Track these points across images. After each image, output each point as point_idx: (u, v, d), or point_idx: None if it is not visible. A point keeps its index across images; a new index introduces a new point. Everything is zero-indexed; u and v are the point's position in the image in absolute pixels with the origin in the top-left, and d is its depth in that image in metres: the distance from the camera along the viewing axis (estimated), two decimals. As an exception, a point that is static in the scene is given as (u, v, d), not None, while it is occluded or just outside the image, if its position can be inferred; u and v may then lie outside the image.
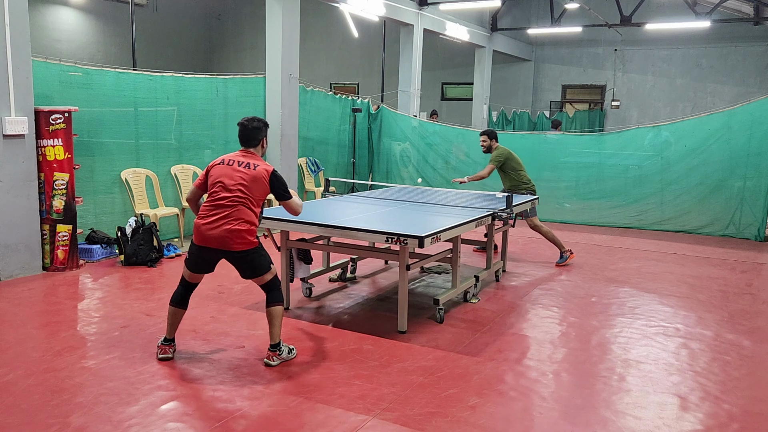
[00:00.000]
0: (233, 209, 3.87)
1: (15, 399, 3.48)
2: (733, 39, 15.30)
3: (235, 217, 3.86)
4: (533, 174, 10.15)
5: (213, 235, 3.86)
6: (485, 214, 5.45)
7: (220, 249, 3.89)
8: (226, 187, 3.91)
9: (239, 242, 3.87)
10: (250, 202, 3.92)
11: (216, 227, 3.85)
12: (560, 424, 3.40)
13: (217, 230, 3.85)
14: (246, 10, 19.20)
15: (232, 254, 3.92)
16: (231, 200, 3.88)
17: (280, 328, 4.06)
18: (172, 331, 4.14)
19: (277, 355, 4.03)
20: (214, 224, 3.86)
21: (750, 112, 8.79)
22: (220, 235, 3.85)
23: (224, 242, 3.86)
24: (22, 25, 5.74)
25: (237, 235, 3.85)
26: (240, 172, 3.95)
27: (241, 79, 8.71)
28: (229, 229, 3.84)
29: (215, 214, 3.88)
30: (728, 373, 4.16)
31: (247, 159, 4.04)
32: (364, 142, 11.69)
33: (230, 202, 3.88)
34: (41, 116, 5.99)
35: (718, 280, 6.63)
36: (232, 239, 3.85)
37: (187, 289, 4.14)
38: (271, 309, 4.02)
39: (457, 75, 17.94)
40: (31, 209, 5.98)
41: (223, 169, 3.99)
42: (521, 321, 5.13)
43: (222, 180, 3.95)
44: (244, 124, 4.13)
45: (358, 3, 10.65)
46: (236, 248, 3.88)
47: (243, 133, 4.13)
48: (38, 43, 12.23)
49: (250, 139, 4.12)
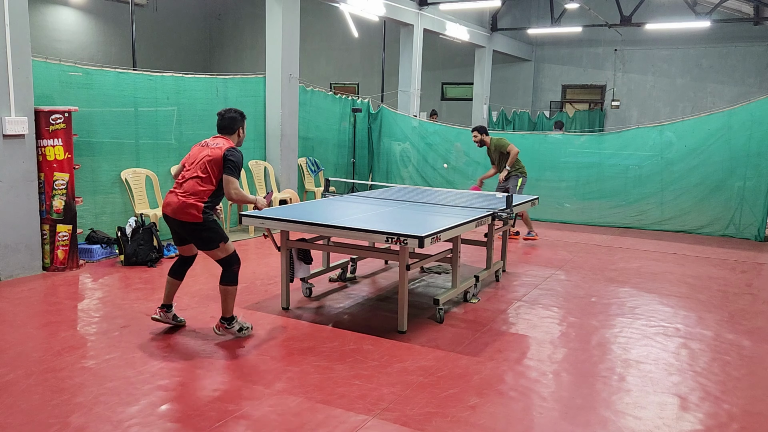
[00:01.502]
0: (188, 182, 4.26)
1: (15, 399, 3.48)
2: (733, 39, 15.30)
3: (188, 190, 4.24)
4: (533, 174, 10.22)
5: (168, 202, 4.31)
6: (485, 214, 5.45)
7: (175, 219, 4.28)
8: (188, 164, 4.35)
9: (186, 214, 4.23)
10: (200, 179, 4.24)
11: (173, 198, 4.28)
12: (560, 424, 3.40)
13: (173, 200, 4.27)
14: (246, 10, 19.20)
15: (183, 225, 4.29)
16: (189, 176, 4.28)
17: (231, 304, 4.42)
18: (168, 298, 4.63)
19: (224, 328, 4.43)
20: (173, 196, 4.28)
21: (750, 112, 8.79)
22: (172, 203, 4.27)
23: (175, 212, 4.26)
24: (22, 25, 5.74)
25: (184, 206, 4.22)
26: (202, 151, 4.33)
27: (241, 79, 8.71)
28: (180, 200, 4.23)
29: (176, 187, 4.34)
30: (728, 373, 4.16)
31: (216, 141, 4.37)
32: (364, 142, 11.69)
33: (189, 178, 4.28)
34: (41, 116, 5.99)
35: (718, 280, 6.63)
36: (181, 209, 4.23)
37: (181, 261, 4.63)
38: (222, 287, 4.40)
39: (457, 75, 17.94)
40: (31, 209, 5.98)
41: (193, 150, 4.44)
42: (521, 321, 5.13)
43: (187, 158, 4.41)
44: (221, 113, 4.47)
45: (358, 3, 10.65)
46: (184, 219, 4.25)
47: (219, 122, 4.47)
48: (38, 43, 12.22)
49: (225, 127, 4.46)
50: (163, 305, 4.63)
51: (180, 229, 4.36)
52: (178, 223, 4.30)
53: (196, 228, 4.28)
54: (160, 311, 4.61)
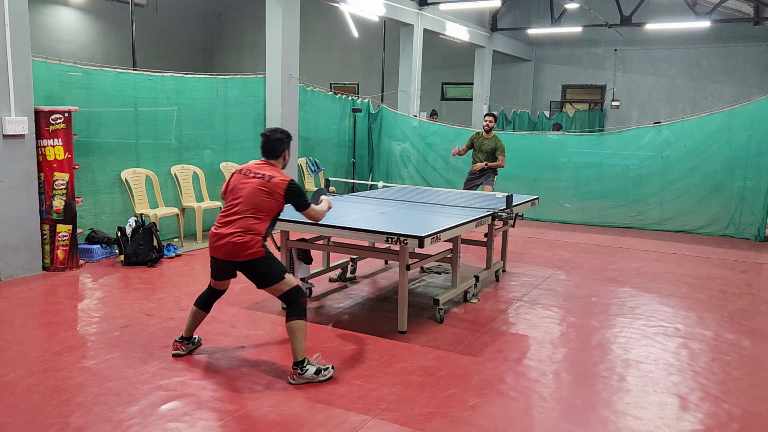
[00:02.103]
0: (242, 219, 3.81)
1: (15, 399, 3.48)
2: (733, 39, 15.30)
3: (242, 227, 3.79)
4: (534, 174, 10.24)
5: (219, 245, 3.83)
6: (485, 214, 5.45)
7: (228, 260, 3.86)
8: (238, 197, 3.87)
9: (246, 254, 3.79)
10: (256, 213, 3.83)
11: (223, 237, 3.81)
12: (560, 424, 3.40)
13: (223, 240, 3.81)
14: (246, 10, 19.20)
15: (240, 264, 3.86)
16: (240, 211, 3.83)
17: (302, 344, 3.79)
18: (190, 330, 4.14)
19: (297, 374, 3.76)
20: (222, 236, 3.82)
21: (750, 112, 8.79)
22: (225, 245, 3.81)
23: (229, 253, 3.81)
24: (22, 25, 5.74)
25: (239, 245, 3.78)
26: (253, 183, 3.86)
27: (241, 79, 8.71)
28: (233, 240, 3.77)
29: (223, 225, 3.85)
30: (728, 373, 4.16)
31: (263, 170, 3.93)
32: (364, 142, 11.69)
33: (240, 213, 3.82)
34: (41, 116, 5.99)
35: (718, 280, 6.63)
36: (237, 250, 3.79)
37: (211, 293, 4.13)
38: (288, 324, 3.81)
39: (457, 75, 17.94)
40: (31, 209, 5.98)
41: (238, 179, 3.95)
42: (521, 321, 5.13)
43: (234, 190, 3.92)
44: (266, 135, 4.04)
45: (358, 3, 10.65)
46: (242, 259, 3.81)
47: (265, 144, 4.03)
48: (38, 43, 12.21)
49: (272, 151, 4.02)
50: (184, 338, 4.15)
51: (238, 268, 3.91)
52: (233, 264, 3.87)
53: (257, 264, 3.82)
54: (181, 345, 4.13)
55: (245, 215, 3.81)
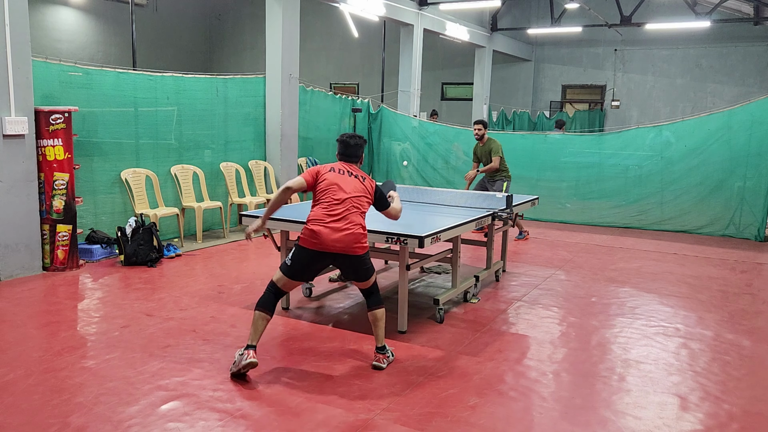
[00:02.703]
0: (353, 214, 3.97)
1: (15, 399, 3.48)
2: (733, 39, 15.30)
3: (356, 222, 3.97)
4: (534, 174, 10.23)
5: (336, 238, 3.90)
6: (485, 214, 5.45)
7: (339, 253, 3.95)
8: (344, 194, 4.00)
9: (359, 247, 3.97)
10: (362, 210, 4.06)
11: (339, 231, 3.91)
12: (560, 424, 3.40)
13: (340, 234, 3.90)
14: (246, 10, 19.20)
15: (350, 258, 3.99)
16: (350, 207, 3.98)
17: (384, 330, 4.14)
18: (257, 337, 3.91)
19: (386, 358, 4.09)
20: (338, 229, 3.91)
21: (750, 112, 8.79)
22: (343, 238, 3.91)
23: (347, 246, 3.93)
24: (22, 25, 5.74)
25: (358, 239, 3.95)
26: (354, 182, 4.08)
27: (241, 79, 8.71)
28: (352, 233, 3.93)
29: (337, 218, 3.93)
30: (728, 373, 4.16)
31: (355, 171, 4.17)
32: (364, 142, 11.67)
33: (350, 209, 3.98)
34: (41, 116, 5.99)
35: (718, 280, 6.63)
36: (354, 243, 3.94)
37: (276, 295, 4.07)
38: (374, 312, 4.11)
39: (457, 75, 17.94)
40: (31, 209, 5.98)
41: (337, 177, 4.08)
42: (521, 321, 5.13)
43: (338, 186, 4.03)
44: (347, 141, 4.24)
45: (358, 3, 10.65)
46: (357, 252, 3.97)
47: (345, 149, 4.24)
48: (38, 43, 12.22)
49: (352, 156, 4.24)
50: (250, 346, 3.86)
51: (338, 261, 4.02)
52: (342, 257, 3.96)
53: (363, 258, 4.02)
54: (252, 352, 3.82)
55: (356, 212, 4.00)
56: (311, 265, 4.05)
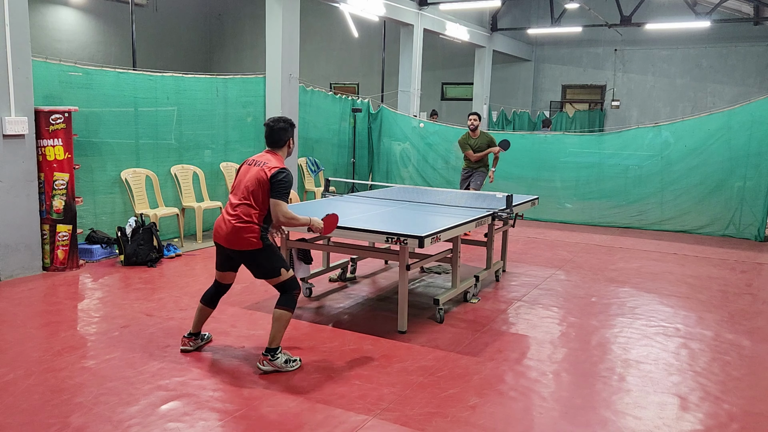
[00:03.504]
0: (239, 206, 3.89)
1: (15, 399, 3.48)
2: (733, 39, 15.30)
3: (237, 214, 3.87)
4: (533, 174, 10.24)
5: (220, 232, 3.94)
6: (485, 214, 5.45)
7: (228, 248, 3.94)
8: (238, 187, 3.96)
9: (243, 242, 3.86)
10: (253, 202, 3.87)
11: (222, 225, 3.93)
12: (560, 424, 3.40)
13: (223, 228, 3.92)
14: (246, 10, 19.20)
15: (240, 254, 3.94)
16: (238, 200, 3.92)
17: (282, 333, 3.92)
18: (197, 326, 4.23)
19: (268, 360, 3.89)
20: (222, 224, 3.93)
21: (750, 112, 8.79)
22: (225, 233, 3.90)
23: (230, 241, 3.90)
24: (22, 25, 5.74)
25: (238, 233, 3.85)
26: (250, 171, 3.94)
27: (241, 79, 8.71)
28: (232, 227, 3.86)
29: (226, 212, 3.96)
30: (728, 373, 4.16)
31: (263, 159, 3.99)
32: (364, 142, 11.69)
33: (236, 202, 3.91)
34: (41, 116, 5.99)
35: (718, 280, 6.63)
36: (236, 239, 3.87)
37: (216, 288, 4.20)
38: (276, 310, 3.93)
39: (457, 75, 17.94)
40: (31, 209, 5.98)
41: (245, 169, 4.02)
42: (521, 321, 5.13)
43: (238, 180, 4.01)
44: (269, 124, 4.09)
45: (358, 3, 10.65)
46: (240, 248, 3.89)
47: (269, 134, 4.08)
48: (38, 43, 12.22)
49: (276, 140, 4.07)
50: (192, 334, 4.22)
51: (238, 258, 3.99)
52: (236, 253, 3.93)
53: (253, 255, 3.90)
54: (189, 340, 4.20)
55: (242, 203, 3.88)
56: (221, 255, 4.08)
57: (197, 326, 4.24)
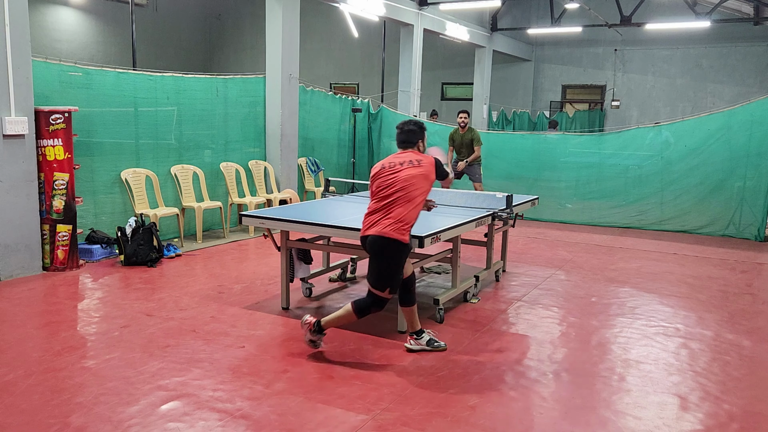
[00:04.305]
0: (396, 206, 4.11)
1: (15, 399, 3.48)
2: (733, 39, 15.31)
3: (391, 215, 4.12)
4: (533, 174, 10.23)
5: (365, 231, 4.15)
6: (485, 214, 5.45)
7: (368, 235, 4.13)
8: (392, 186, 4.14)
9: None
10: (411, 197, 4.13)
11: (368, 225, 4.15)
12: (560, 424, 3.40)
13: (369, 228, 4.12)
14: (246, 10, 19.20)
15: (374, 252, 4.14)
16: (396, 198, 4.11)
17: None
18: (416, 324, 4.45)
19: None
20: (368, 224, 4.15)
21: (750, 112, 8.79)
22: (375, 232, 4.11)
23: (378, 231, 4.11)
24: (22, 25, 5.74)
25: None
26: (407, 173, 4.13)
27: (241, 79, 8.71)
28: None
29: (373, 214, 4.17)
30: (728, 373, 4.16)
31: (406, 157, 4.23)
32: (364, 142, 11.69)
33: (394, 200, 4.11)
34: (41, 116, 5.99)
35: (718, 280, 6.63)
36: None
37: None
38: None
39: (457, 75, 17.94)
40: (31, 209, 5.98)
41: (387, 172, 4.20)
42: (521, 321, 5.13)
43: (387, 181, 4.16)
44: (400, 127, 4.36)
45: (358, 3, 10.65)
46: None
47: (399, 135, 4.36)
48: (38, 43, 12.22)
49: (405, 141, 4.33)
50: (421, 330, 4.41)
51: (377, 249, 4.21)
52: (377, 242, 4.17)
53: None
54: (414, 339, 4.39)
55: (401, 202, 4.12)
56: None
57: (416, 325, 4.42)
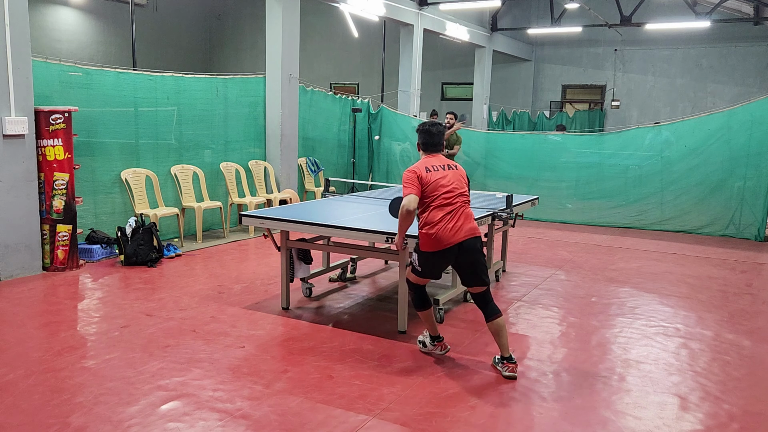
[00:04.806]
0: (461, 204, 4.01)
1: (15, 399, 3.48)
2: (733, 39, 15.30)
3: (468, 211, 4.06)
4: (533, 174, 10.24)
5: (460, 232, 3.94)
6: (485, 214, 5.45)
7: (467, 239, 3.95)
8: (451, 191, 4.00)
9: (477, 230, 4.04)
10: (468, 199, 4.13)
11: (456, 224, 3.95)
12: (560, 424, 3.40)
13: (461, 223, 3.95)
14: (246, 10, 19.20)
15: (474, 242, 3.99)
16: (462, 202, 4.03)
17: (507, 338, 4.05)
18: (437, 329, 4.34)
19: (515, 368, 3.99)
20: (455, 222, 3.95)
21: (750, 112, 8.79)
22: (466, 226, 3.98)
23: (472, 229, 4.00)
24: (22, 25, 5.74)
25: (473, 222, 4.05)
26: (454, 174, 4.07)
27: (241, 79, 8.71)
28: (470, 217, 4.03)
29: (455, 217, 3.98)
30: (728, 373, 4.16)
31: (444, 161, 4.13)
32: (364, 142, 11.69)
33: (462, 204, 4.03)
34: (41, 116, 5.99)
35: (718, 280, 6.63)
36: (474, 227, 4.03)
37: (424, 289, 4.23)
38: (496, 321, 4.02)
39: (457, 75, 17.94)
40: (31, 209, 5.98)
41: (440, 175, 4.02)
42: (521, 321, 5.13)
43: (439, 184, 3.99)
44: (430, 131, 4.13)
45: (358, 3, 10.65)
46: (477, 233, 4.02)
47: (431, 139, 4.14)
48: (38, 43, 12.22)
49: (438, 144, 4.17)
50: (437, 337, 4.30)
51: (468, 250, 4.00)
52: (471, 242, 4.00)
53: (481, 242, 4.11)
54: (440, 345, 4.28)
55: (464, 199, 4.06)
56: (440, 262, 4.08)
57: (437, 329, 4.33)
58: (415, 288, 4.19)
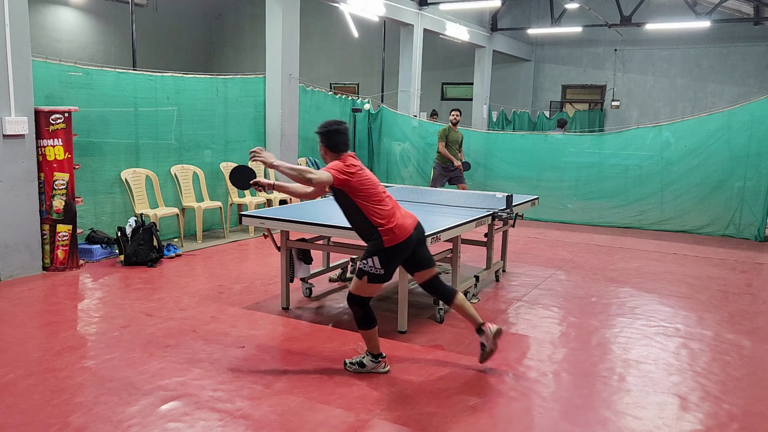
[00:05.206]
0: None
1: (15, 399, 3.48)
2: (733, 39, 15.30)
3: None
4: (534, 174, 10.24)
5: (411, 226, 4.01)
6: (485, 214, 5.45)
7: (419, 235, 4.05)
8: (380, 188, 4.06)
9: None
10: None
11: (408, 219, 4.05)
12: (560, 424, 3.40)
13: (409, 220, 4.05)
14: (246, 10, 19.20)
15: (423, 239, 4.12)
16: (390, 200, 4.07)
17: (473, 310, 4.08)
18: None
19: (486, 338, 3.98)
20: (407, 218, 4.05)
21: (750, 112, 8.79)
22: (415, 221, 4.09)
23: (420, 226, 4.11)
24: (22, 25, 5.74)
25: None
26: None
27: (241, 79, 8.71)
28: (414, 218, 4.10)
29: (398, 208, 4.06)
30: (728, 373, 4.16)
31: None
32: (364, 142, 11.69)
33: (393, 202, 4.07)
34: (41, 116, 5.99)
35: (718, 280, 6.63)
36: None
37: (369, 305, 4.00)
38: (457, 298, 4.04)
39: (457, 75, 17.94)
40: (31, 209, 5.98)
41: (369, 173, 4.11)
42: (521, 321, 5.13)
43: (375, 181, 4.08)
44: (340, 130, 4.08)
45: (358, 3, 10.65)
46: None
47: (345, 138, 4.11)
48: (38, 43, 12.21)
49: (348, 142, 4.16)
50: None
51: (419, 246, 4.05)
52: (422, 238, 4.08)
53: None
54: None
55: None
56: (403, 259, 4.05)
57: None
58: (363, 304, 3.90)
